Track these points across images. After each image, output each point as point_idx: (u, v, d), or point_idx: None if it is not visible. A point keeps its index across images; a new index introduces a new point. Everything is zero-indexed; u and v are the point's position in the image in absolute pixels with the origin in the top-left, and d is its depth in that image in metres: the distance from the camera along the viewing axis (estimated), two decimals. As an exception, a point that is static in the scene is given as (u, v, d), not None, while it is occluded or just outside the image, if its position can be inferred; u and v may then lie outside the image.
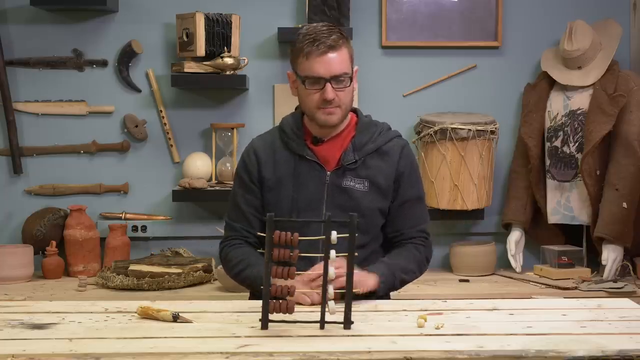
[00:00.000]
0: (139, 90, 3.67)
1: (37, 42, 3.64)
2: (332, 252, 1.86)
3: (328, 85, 2.27)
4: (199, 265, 3.39)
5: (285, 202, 2.37)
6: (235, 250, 2.41)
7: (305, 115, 2.40)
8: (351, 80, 2.32)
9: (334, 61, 2.27)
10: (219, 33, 3.51)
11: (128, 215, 3.66)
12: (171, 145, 3.67)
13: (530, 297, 3.04)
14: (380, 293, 2.25)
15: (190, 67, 3.49)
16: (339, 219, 1.91)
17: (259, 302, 1.90)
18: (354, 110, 2.46)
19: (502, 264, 3.63)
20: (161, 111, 3.65)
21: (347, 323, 1.87)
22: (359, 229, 2.22)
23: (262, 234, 1.92)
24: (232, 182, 3.53)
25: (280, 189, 2.38)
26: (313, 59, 2.27)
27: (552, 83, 3.58)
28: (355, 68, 2.36)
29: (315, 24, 2.36)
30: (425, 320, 1.93)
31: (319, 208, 2.35)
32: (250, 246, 2.41)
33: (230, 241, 2.44)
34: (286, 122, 2.45)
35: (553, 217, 3.56)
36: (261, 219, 2.42)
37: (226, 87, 3.63)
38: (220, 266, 3.32)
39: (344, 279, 1.92)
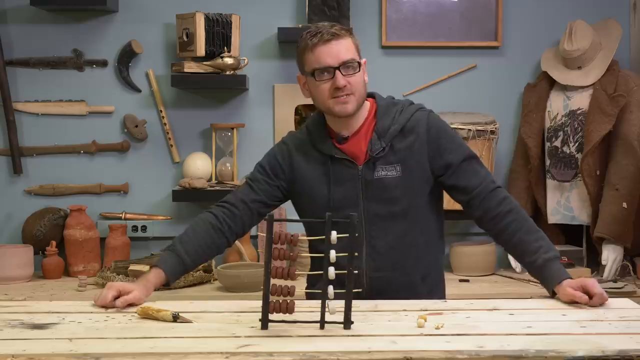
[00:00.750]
0: (139, 90, 3.67)
1: (37, 42, 3.64)
2: (332, 252, 1.86)
3: (337, 72, 2.26)
4: (199, 265, 3.38)
5: (321, 202, 2.35)
6: (202, 215, 2.40)
7: (323, 111, 2.37)
8: (360, 66, 2.30)
9: (340, 48, 2.27)
10: (219, 33, 3.51)
11: (128, 215, 3.66)
12: (171, 145, 3.67)
13: (531, 297, 3.03)
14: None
15: (190, 67, 3.49)
16: (377, 213, 1.97)
17: (259, 302, 1.90)
18: (372, 96, 2.42)
19: (502, 264, 3.63)
20: (161, 111, 3.66)
21: (347, 323, 1.87)
22: (396, 218, 2.30)
23: (262, 234, 1.92)
24: (232, 182, 3.55)
25: (315, 190, 2.36)
26: (319, 50, 2.26)
27: (552, 83, 3.58)
28: (363, 60, 2.34)
29: (318, 23, 2.36)
30: (425, 320, 1.93)
31: (356, 204, 2.33)
32: (218, 218, 2.37)
33: (211, 207, 2.42)
34: (312, 123, 2.42)
35: (553, 217, 3.56)
36: (266, 203, 2.42)
37: (226, 87, 3.63)
38: (220, 266, 3.36)
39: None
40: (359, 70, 2.30)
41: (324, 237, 1.89)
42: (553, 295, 2.21)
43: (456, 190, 2.38)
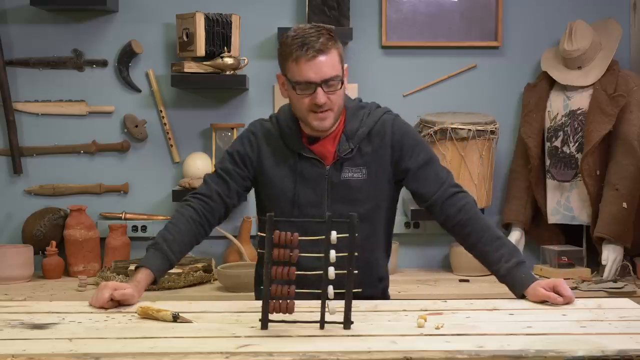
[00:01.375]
0: (139, 90, 3.67)
1: (37, 42, 3.64)
2: (332, 252, 1.86)
3: (319, 89, 2.24)
4: (199, 265, 3.39)
5: (285, 198, 2.37)
6: (182, 210, 2.39)
7: (298, 118, 2.37)
8: (342, 83, 2.29)
9: (324, 65, 2.24)
10: (219, 33, 3.51)
11: (128, 215, 3.66)
12: (171, 145, 3.67)
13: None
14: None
15: (190, 67, 3.49)
16: (341, 214, 1.91)
17: (259, 302, 1.90)
18: None
19: (502, 264, 3.62)
20: (161, 111, 3.66)
21: (347, 323, 1.87)
22: (361, 219, 2.24)
23: (262, 234, 1.92)
24: (232, 182, 3.54)
25: (281, 185, 2.37)
26: (303, 64, 2.23)
27: (552, 83, 3.58)
28: (345, 66, 2.32)
29: (302, 25, 2.31)
30: (425, 320, 1.93)
31: (320, 203, 2.35)
32: (198, 213, 2.37)
33: (189, 199, 2.41)
34: (283, 117, 2.42)
35: (553, 217, 3.56)
36: (239, 194, 2.42)
37: (226, 87, 3.63)
38: (220, 266, 3.36)
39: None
40: (340, 88, 2.29)
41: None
42: (522, 298, 2.24)
43: (416, 197, 2.43)
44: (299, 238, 1.90)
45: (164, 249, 2.30)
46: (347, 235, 1.87)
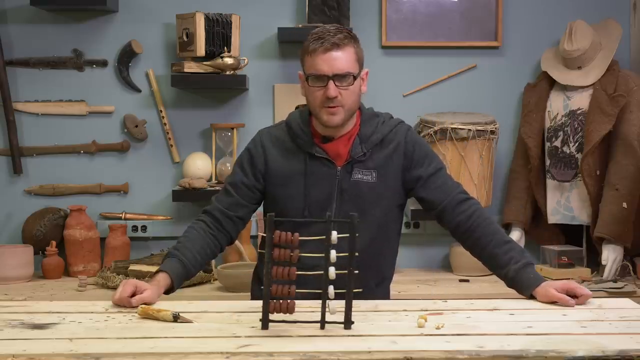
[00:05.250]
0: (139, 90, 3.67)
1: (37, 42, 3.64)
2: (333, 252, 1.87)
3: (331, 82, 2.28)
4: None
5: (296, 198, 2.38)
6: (192, 224, 2.42)
7: (312, 114, 2.40)
8: (355, 79, 2.32)
9: (338, 59, 2.28)
10: (219, 33, 3.51)
11: (128, 215, 3.66)
12: (171, 145, 3.67)
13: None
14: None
15: (190, 67, 3.49)
16: (347, 215, 1.91)
17: (259, 302, 1.90)
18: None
19: (502, 264, 3.62)
20: (161, 111, 3.66)
21: (348, 323, 1.87)
22: (365, 224, 2.26)
23: (262, 234, 1.92)
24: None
25: (291, 186, 2.39)
26: (317, 56, 2.28)
27: (552, 83, 3.58)
28: (365, 70, 2.38)
29: (327, 26, 2.36)
30: (426, 320, 1.93)
31: (330, 203, 2.36)
32: (208, 226, 2.39)
33: (200, 215, 2.44)
34: (294, 119, 2.44)
35: (553, 217, 3.56)
36: (248, 207, 2.44)
37: (226, 87, 3.63)
38: (220, 266, 3.36)
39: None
40: (353, 84, 2.32)
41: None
42: (531, 298, 2.25)
43: (425, 204, 2.44)
44: (304, 238, 1.90)
45: (179, 256, 2.30)
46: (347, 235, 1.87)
